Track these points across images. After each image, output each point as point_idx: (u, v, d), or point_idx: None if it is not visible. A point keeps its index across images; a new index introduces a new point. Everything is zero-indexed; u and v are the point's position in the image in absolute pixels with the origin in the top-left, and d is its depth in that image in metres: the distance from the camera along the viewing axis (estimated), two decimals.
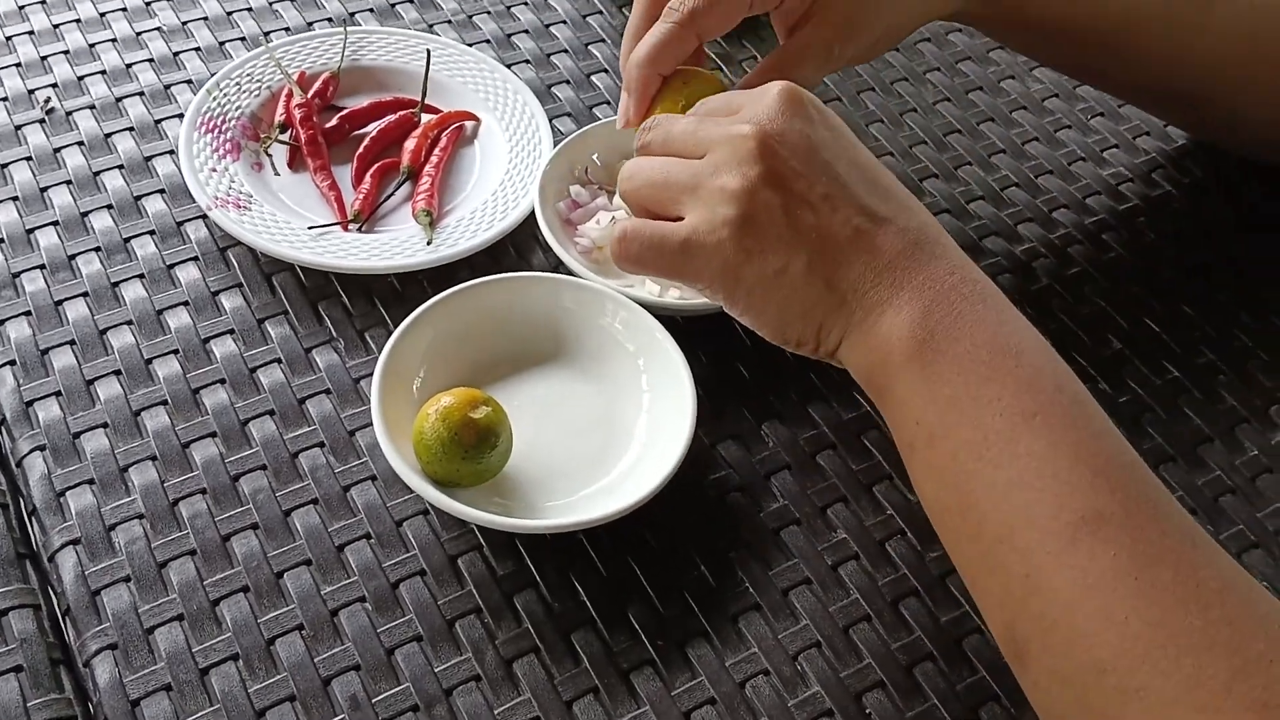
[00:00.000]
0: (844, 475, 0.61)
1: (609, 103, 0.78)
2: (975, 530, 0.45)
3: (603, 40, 0.83)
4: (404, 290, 0.66)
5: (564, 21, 0.84)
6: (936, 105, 0.82)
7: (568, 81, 0.80)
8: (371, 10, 0.83)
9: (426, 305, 0.61)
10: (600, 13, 0.85)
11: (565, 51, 0.82)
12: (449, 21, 0.83)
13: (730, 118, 0.52)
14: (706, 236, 0.49)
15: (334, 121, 0.72)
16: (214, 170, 0.68)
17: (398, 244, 0.66)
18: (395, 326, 0.64)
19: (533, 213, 0.68)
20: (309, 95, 0.72)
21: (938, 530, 0.49)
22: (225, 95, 0.71)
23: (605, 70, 0.81)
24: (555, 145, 0.72)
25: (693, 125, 0.53)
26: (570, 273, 0.66)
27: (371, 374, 0.62)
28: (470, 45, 0.80)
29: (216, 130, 0.70)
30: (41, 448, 0.58)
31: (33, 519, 0.56)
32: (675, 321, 0.63)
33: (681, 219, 0.51)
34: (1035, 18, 0.64)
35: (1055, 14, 0.64)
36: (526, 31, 0.83)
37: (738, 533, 0.58)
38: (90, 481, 0.57)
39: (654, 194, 0.52)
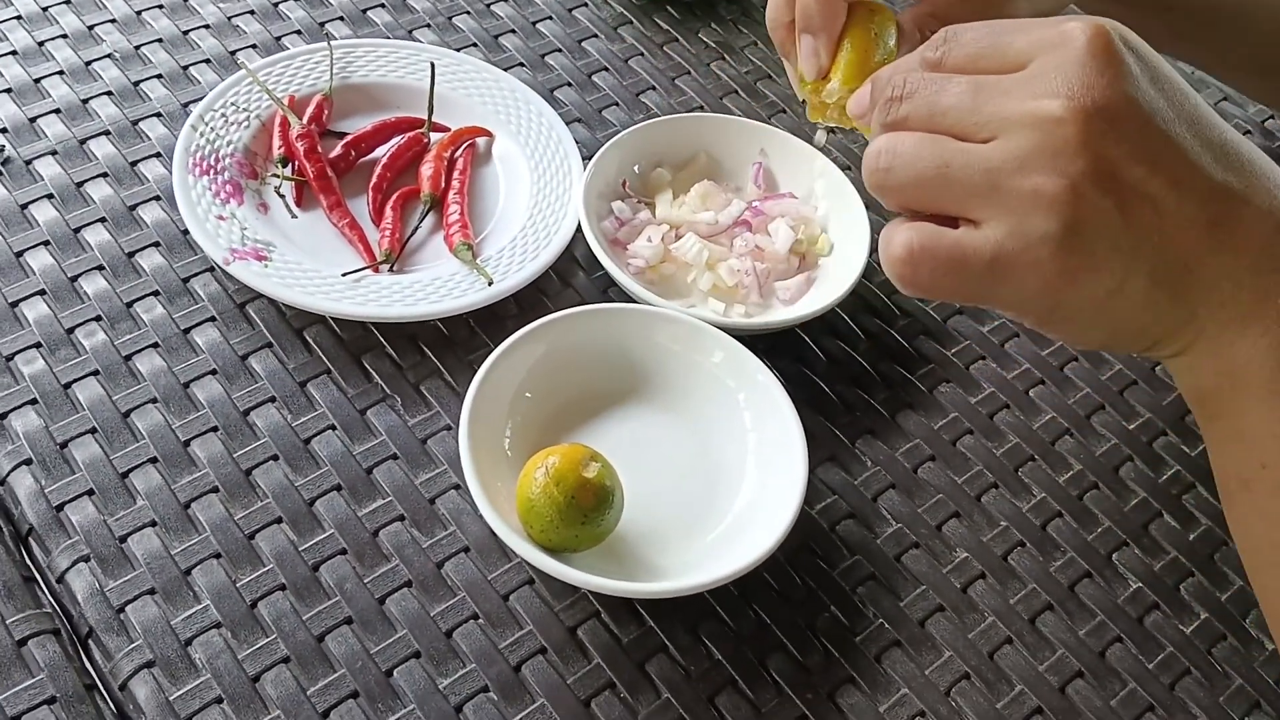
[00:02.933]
0: (950, 489, 0.58)
1: (618, 104, 0.73)
2: None
3: (595, 35, 0.78)
4: (451, 334, 0.60)
5: (550, 17, 0.78)
6: None
7: (570, 84, 0.74)
8: (342, 18, 0.75)
9: (503, 348, 0.55)
10: (586, 5, 0.80)
11: (559, 50, 0.76)
12: (428, 25, 0.76)
13: (1018, 80, 0.39)
14: (1019, 256, 0.38)
15: (338, 150, 0.65)
16: (220, 218, 0.60)
17: (440, 283, 0.60)
18: (450, 375, 0.59)
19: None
20: (306, 122, 0.65)
21: (1259, 577, 0.44)
22: (212, 130, 0.64)
23: (606, 69, 0.75)
24: (581, 156, 0.67)
25: (968, 92, 0.40)
26: (624, 294, 0.61)
27: (438, 431, 0.57)
28: (457, 50, 0.74)
29: (211, 171, 0.62)
30: (85, 559, 0.51)
31: (88, 639, 0.49)
32: (743, 339, 0.59)
33: (969, 220, 0.40)
34: None
35: None
36: (513, 31, 0.77)
37: (859, 564, 0.55)
38: (152, 591, 0.50)
39: (929, 195, 0.40)
